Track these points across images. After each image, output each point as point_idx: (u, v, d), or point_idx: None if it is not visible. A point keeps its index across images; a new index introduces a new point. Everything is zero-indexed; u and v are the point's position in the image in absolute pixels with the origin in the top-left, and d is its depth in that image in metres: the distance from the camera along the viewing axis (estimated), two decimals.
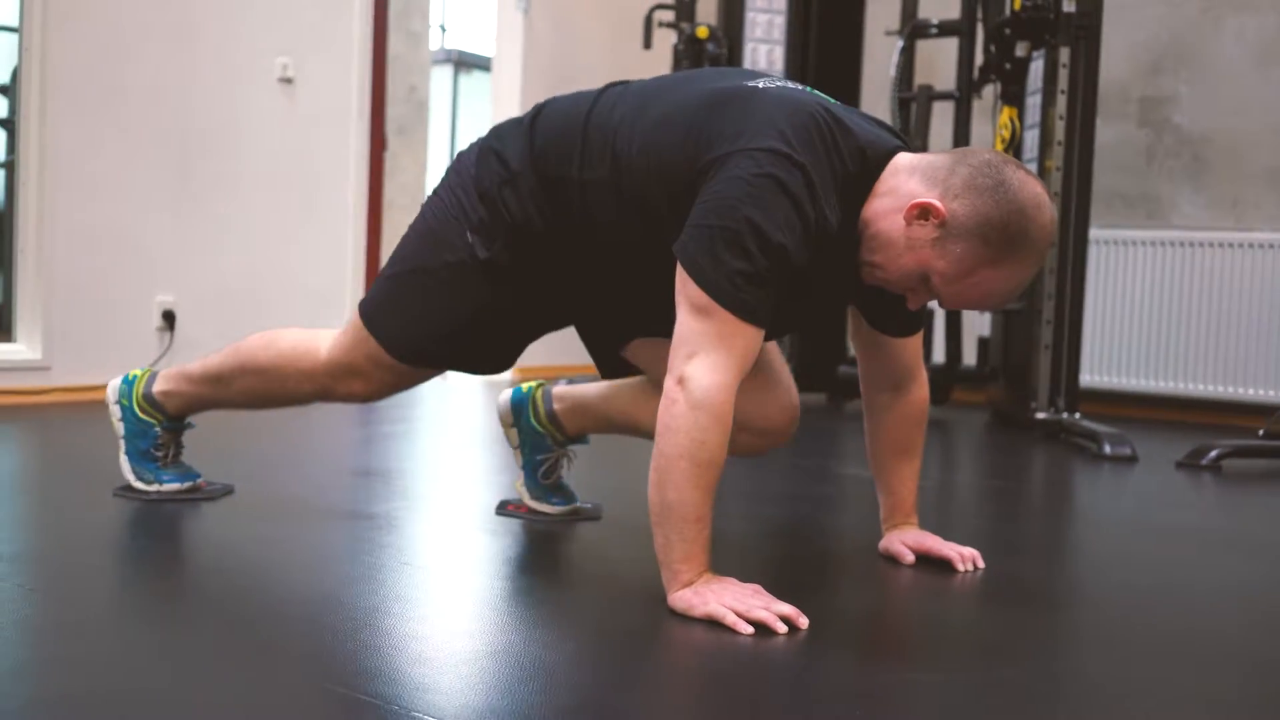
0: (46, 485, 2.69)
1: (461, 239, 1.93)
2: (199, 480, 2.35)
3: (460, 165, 2.00)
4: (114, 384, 2.33)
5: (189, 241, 4.15)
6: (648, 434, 2.12)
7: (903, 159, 1.75)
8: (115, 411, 2.31)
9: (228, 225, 4.26)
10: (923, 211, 1.68)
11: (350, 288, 4.71)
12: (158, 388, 2.29)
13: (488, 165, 1.93)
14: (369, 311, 2.03)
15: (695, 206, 1.68)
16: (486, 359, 2.07)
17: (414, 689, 1.38)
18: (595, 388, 2.23)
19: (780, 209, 1.63)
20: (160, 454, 2.31)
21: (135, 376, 2.32)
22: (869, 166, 1.74)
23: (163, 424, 2.30)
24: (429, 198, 2.02)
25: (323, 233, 4.58)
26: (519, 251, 1.92)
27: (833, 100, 1.81)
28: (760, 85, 1.76)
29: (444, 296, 1.96)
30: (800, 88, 1.80)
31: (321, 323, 4.49)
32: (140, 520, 2.24)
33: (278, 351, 2.15)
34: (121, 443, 2.31)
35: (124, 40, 3.95)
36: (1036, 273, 1.78)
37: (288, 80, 4.40)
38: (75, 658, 1.45)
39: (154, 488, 2.30)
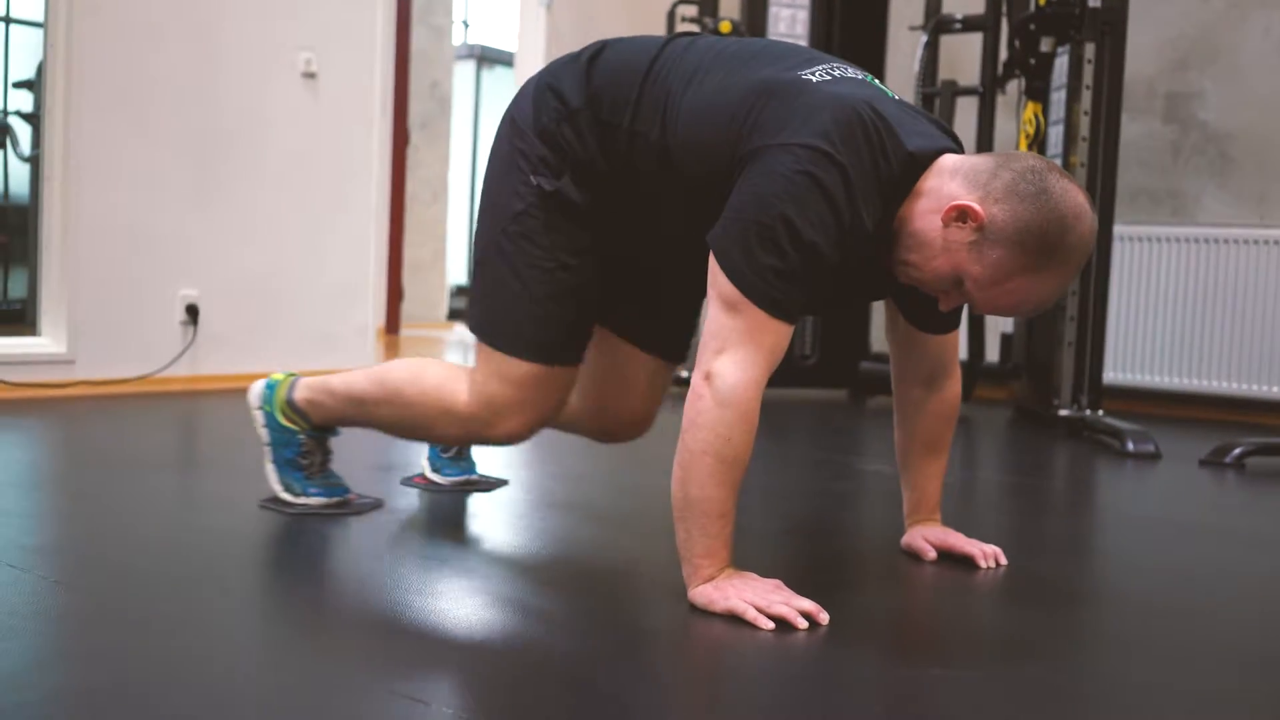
0: (70, 478, 2.70)
1: (526, 185, 1.87)
2: (348, 495, 2.25)
3: (518, 111, 1.93)
4: (256, 388, 2.22)
5: (212, 235, 4.17)
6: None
7: (947, 160, 1.73)
8: (258, 418, 2.21)
9: (251, 219, 4.28)
10: (960, 214, 1.66)
11: (373, 282, 4.72)
12: (299, 395, 2.17)
13: (545, 103, 1.88)
14: (475, 321, 1.96)
15: (732, 196, 1.67)
16: (583, 323, 1.94)
17: (431, 684, 1.39)
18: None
19: (816, 208, 1.62)
20: (306, 462, 2.20)
21: (277, 381, 2.21)
22: (914, 167, 1.71)
23: (307, 431, 2.19)
24: (485, 177, 1.97)
25: (345, 227, 4.59)
26: (585, 188, 1.86)
27: (890, 94, 1.78)
28: (815, 79, 1.72)
29: (526, 253, 1.87)
30: (859, 78, 1.77)
31: (342, 316, 4.53)
32: (161, 514, 2.25)
33: (422, 389, 2.01)
34: (267, 450, 2.21)
35: (148, 35, 3.97)
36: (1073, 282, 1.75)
37: (310, 75, 4.41)
38: (97, 650, 1.46)
39: (300, 500, 2.20)
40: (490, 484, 2.51)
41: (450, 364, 2.05)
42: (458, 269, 11.37)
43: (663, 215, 1.85)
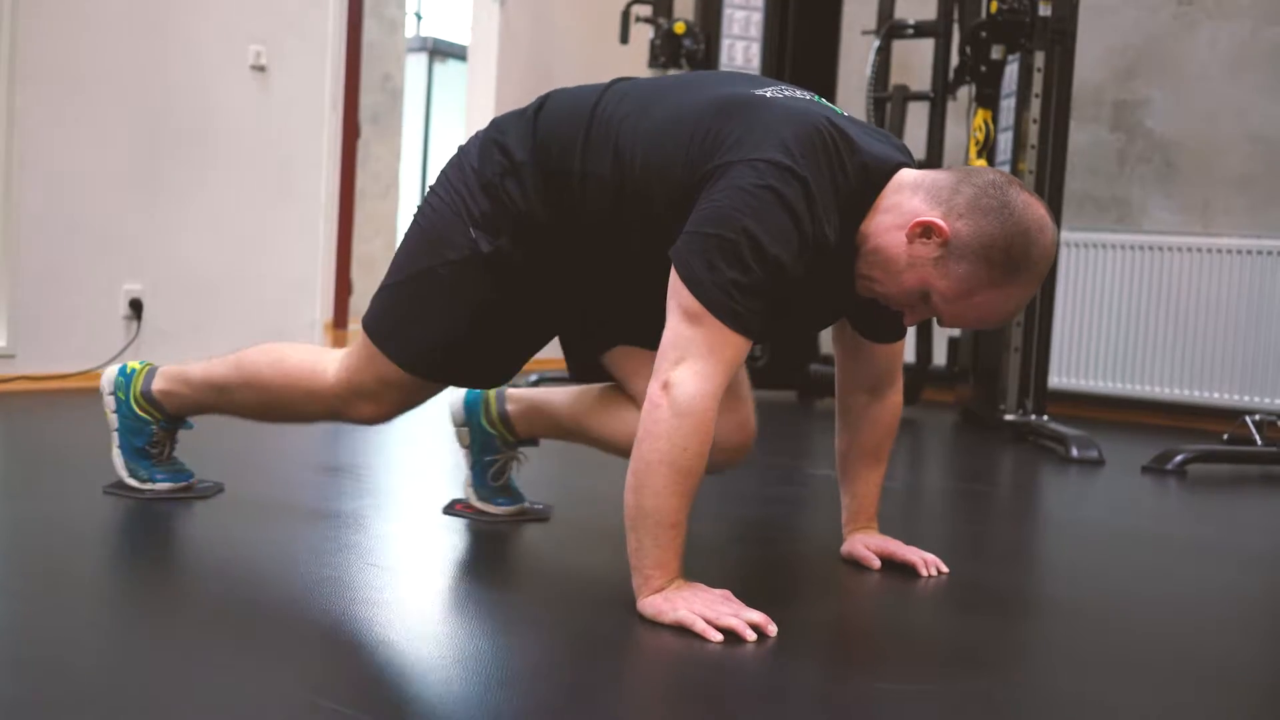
0: (9, 477, 2.66)
1: (464, 236, 1.89)
2: (192, 480, 2.29)
3: (461, 160, 1.95)
4: (109, 374, 2.24)
5: (158, 229, 4.11)
6: (596, 443, 2.10)
7: (906, 175, 1.74)
8: (109, 403, 2.23)
9: (198, 213, 4.23)
10: (925, 230, 1.67)
11: (321, 277, 4.68)
12: (156, 386, 2.20)
13: (490, 156, 1.90)
14: (373, 326, 1.98)
15: (694, 212, 1.67)
16: (491, 367, 2.03)
17: (378, 695, 1.38)
18: (551, 391, 2.19)
19: (778, 222, 1.62)
20: (155, 451, 2.24)
21: (134, 370, 2.22)
22: (872, 182, 1.72)
23: (160, 423, 2.22)
24: (426, 199, 1.98)
25: (294, 221, 4.54)
26: (523, 245, 1.87)
27: (840, 112, 1.79)
28: (768, 95, 1.73)
29: (448, 297, 1.92)
30: (809, 98, 1.78)
31: (291, 311, 4.49)
32: (101, 515, 2.22)
33: (283, 371, 2.08)
34: (114, 435, 2.23)
35: (95, 27, 3.90)
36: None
37: (260, 68, 4.36)
38: (32, 659, 1.43)
39: (147, 486, 2.23)
40: (542, 514, 2.31)
41: (309, 346, 2.13)
42: None
43: (618, 252, 1.85)
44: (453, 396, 2.27)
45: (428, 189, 2.00)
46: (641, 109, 1.79)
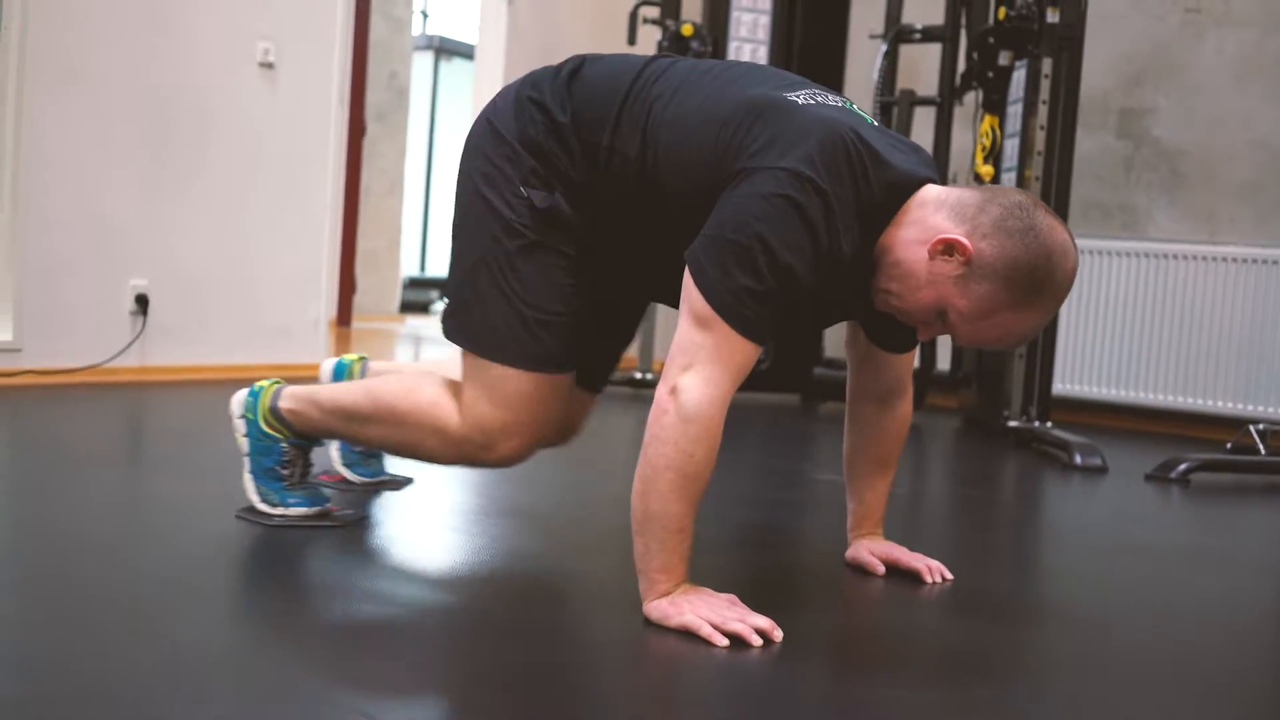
0: (14, 472, 2.66)
1: (516, 196, 1.84)
2: (327, 505, 2.16)
3: (497, 119, 1.90)
4: (238, 396, 2.12)
5: (164, 225, 4.12)
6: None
7: (931, 190, 1.73)
8: (240, 427, 2.11)
9: (204, 209, 4.23)
10: (948, 247, 1.67)
11: (326, 274, 4.68)
12: (284, 404, 2.07)
13: (528, 115, 1.86)
14: (464, 331, 1.88)
15: (712, 215, 1.67)
16: (574, 334, 1.88)
17: (381, 697, 1.38)
18: (409, 368, 2.37)
19: (794, 232, 1.62)
20: (286, 472, 2.11)
21: (261, 388, 2.11)
22: (895, 196, 1.72)
23: (289, 439, 2.09)
24: (462, 184, 1.92)
25: (300, 218, 4.55)
26: (576, 206, 1.84)
27: (870, 120, 1.77)
28: (800, 100, 1.72)
29: (518, 264, 1.83)
30: (839, 104, 1.76)
31: (295, 307, 4.49)
32: (105, 511, 2.22)
33: (415, 404, 1.91)
34: (245, 460, 2.12)
35: (104, 22, 3.91)
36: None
37: (268, 65, 4.37)
38: (34, 659, 1.43)
39: (278, 511, 2.11)
40: (397, 483, 2.51)
41: (447, 381, 1.94)
42: (411, 261, 11.31)
43: (642, 235, 1.84)
44: (323, 367, 2.43)
45: (460, 170, 1.93)
46: (674, 93, 1.78)
